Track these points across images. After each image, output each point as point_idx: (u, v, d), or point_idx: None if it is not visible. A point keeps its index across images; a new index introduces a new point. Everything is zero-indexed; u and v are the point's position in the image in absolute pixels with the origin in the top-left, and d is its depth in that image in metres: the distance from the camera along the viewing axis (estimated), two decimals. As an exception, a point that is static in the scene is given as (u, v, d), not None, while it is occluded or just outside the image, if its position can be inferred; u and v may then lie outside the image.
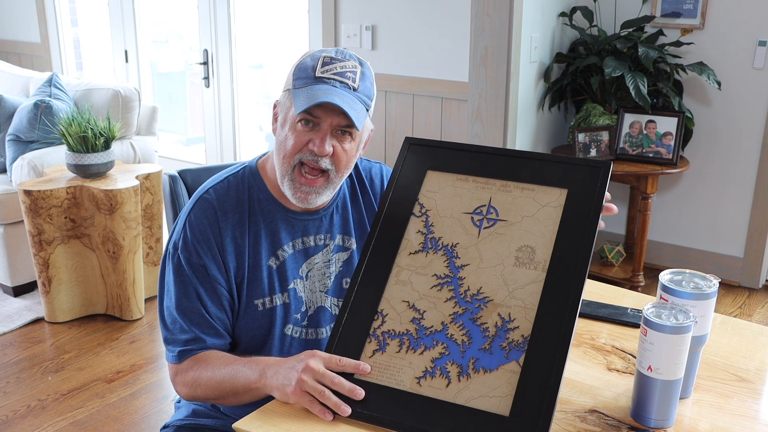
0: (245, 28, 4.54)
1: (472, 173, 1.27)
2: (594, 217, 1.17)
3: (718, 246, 3.61)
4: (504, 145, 3.23)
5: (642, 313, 1.12)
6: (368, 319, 1.19)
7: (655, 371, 1.11)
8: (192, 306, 1.29)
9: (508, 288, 1.16)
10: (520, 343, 1.11)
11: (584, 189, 1.20)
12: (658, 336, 1.09)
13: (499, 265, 1.18)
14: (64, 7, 5.22)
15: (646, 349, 1.11)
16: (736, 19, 3.30)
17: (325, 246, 1.40)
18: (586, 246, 1.15)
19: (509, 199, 1.23)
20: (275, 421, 1.13)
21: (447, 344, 1.14)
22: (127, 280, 3.09)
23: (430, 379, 1.11)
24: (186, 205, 1.37)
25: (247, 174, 1.38)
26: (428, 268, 1.21)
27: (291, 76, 1.30)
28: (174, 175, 1.60)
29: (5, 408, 2.54)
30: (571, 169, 1.23)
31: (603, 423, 1.15)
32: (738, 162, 3.45)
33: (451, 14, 3.31)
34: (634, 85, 3.15)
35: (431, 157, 1.31)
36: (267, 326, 1.35)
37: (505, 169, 1.26)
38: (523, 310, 1.14)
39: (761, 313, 3.30)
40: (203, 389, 1.26)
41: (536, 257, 1.17)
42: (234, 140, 4.68)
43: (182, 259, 1.30)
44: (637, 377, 1.15)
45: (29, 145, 3.39)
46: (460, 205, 1.25)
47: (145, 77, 5.12)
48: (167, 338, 1.31)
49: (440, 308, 1.18)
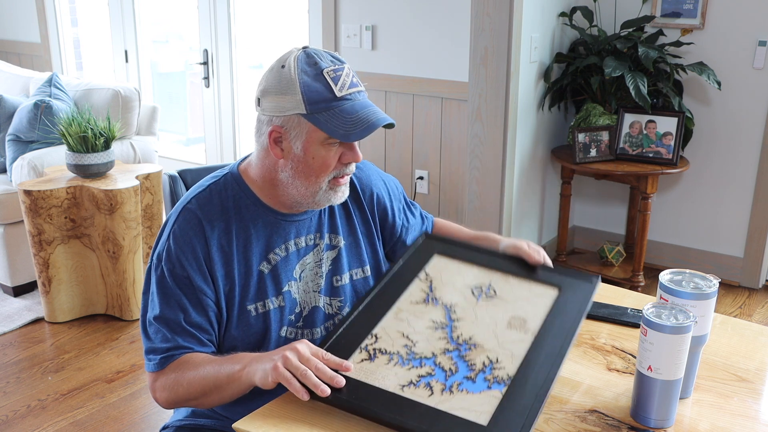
0: (245, 28, 4.54)
1: (477, 263, 1.41)
2: (581, 310, 1.28)
3: (718, 246, 3.61)
4: (504, 145, 3.24)
5: (642, 313, 1.12)
6: (361, 337, 1.24)
7: (655, 371, 1.11)
8: (175, 317, 1.28)
9: (498, 340, 1.23)
10: (504, 379, 1.15)
11: (575, 290, 1.33)
12: (658, 336, 1.09)
13: (491, 324, 1.27)
14: (64, 7, 5.22)
15: (646, 349, 1.11)
16: (736, 19, 3.30)
17: (315, 246, 1.40)
18: (573, 324, 1.25)
19: (507, 285, 1.36)
20: (275, 421, 1.13)
21: (434, 368, 1.18)
22: (127, 280, 3.09)
23: (414, 389, 1.14)
24: (169, 216, 1.35)
25: (230, 180, 1.36)
26: (426, 315, 1.30)
27: (300, 101, 1.24)
28: (174, 175, 1.59)
29: (5, 408, 2.54)
30: (566, 274, 1.37)
31: (603, 423, 1.15)
32: (738, 162, 3.45)
33: (451, 14, 3.31)
34: (634, 85, 3.15)
35: (443, 246, 1.46)
36: (262, 331, 1.35)
37: (508, 266, 1.40)
38: (510, 357, 1.19)
39: (761, 313, 3.30)
40: (185, 388, 1.24)
41: (527, 326, 1.26)
42: (234, 140, 4.68)
43: (165, 270, 1.29)
44: (637, 377, 1.15)
45: (29, 145, 3.39)
46: (462, 281, 1.37)
47: (145, 77, 5.12)
48: (148, 348, 1.30)
49: (432, 342, 1.24)
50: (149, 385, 1.31)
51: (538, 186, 3.65)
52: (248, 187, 1.36)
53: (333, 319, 1.42)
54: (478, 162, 3.32)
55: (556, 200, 3.76)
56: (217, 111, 4.67)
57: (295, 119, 1.27)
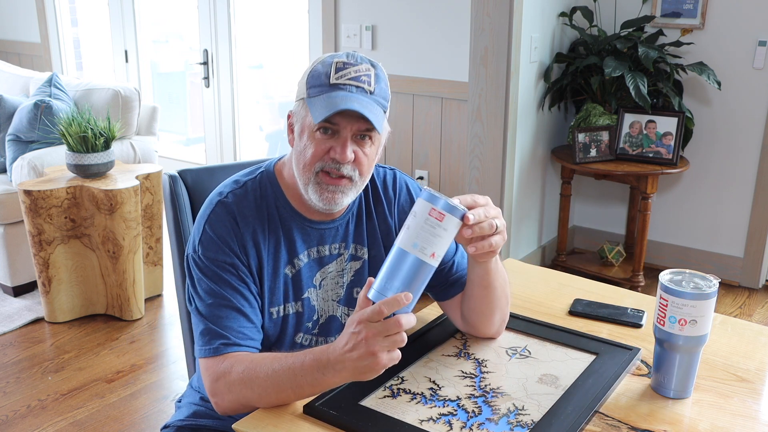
0: (245, 28, 4.54)
1: (515, 329, 1.43)
2: (617, 372, 1.26)
3: (718, 246, 3.61)
4: (504, 145, 3.24)
5: (641, 313, 1.13)
6: (386, 377, 1.23)
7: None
8: (225, 298, 1.25)
9: (526, 392, 1.22)
10: (528, 423, 1.13)
11: (612, 355, 1.32)
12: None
13: (522, 379, 1.26)
14: (64, 7, 5.22)
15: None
16: (736, 19, 3.30)
17: (339, 255, 1.38)
18: (606, 383, 1.23)
19: (543, 348, 1.37)
20: (275, 421, 1.13)
21: (457, 409, 1.17)
22: (127, 280, 3.09)
23: (433, 423, 1.13)
24: (203, 209, 1.33)
25: (265, 179, 1.35)
26: (456, 366, 1.30)
27: (304, 84, 1.28)
28: (174, 175, 1.59)
29: (5, 408, 2.54)
30: (606, 342, 1.36)
31: (603, 423, 1.15)
32: (738, 162, 3.45)
33: (451, 14, 3.30)
34: (634, 85, 3.14)
35: None
36: (277, 334, 1.34)
37: (547, 333, 1.41)
38: (537, 406, 1.18)
39: (761, 313, 3.30)
40: (260, 384, 1.17)
41: (558, 382, 1.25)
42: (234, 140, 4.68)
43: (206, 259, 1.27)
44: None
45: (29, 145, 3.39)
46: (497, 344, 1.38)
47: (145, 77, 5.12)
48: (204, 330, 1.24)
49: (458, 388, 1.23)
50: (208, 378, 1.23)
51: (538, 186, 3.65)
52: (281, 189, 1.35)
53: None
54: (478, 162, 3.32)
55: (556, 200, 3.76)
56: (217, 111, 4.67)
57: (300, 103, 1.28)
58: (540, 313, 1.51)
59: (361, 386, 1.18)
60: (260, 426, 1.12)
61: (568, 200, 3.60)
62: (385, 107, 1.29)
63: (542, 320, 1.45)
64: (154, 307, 3.31)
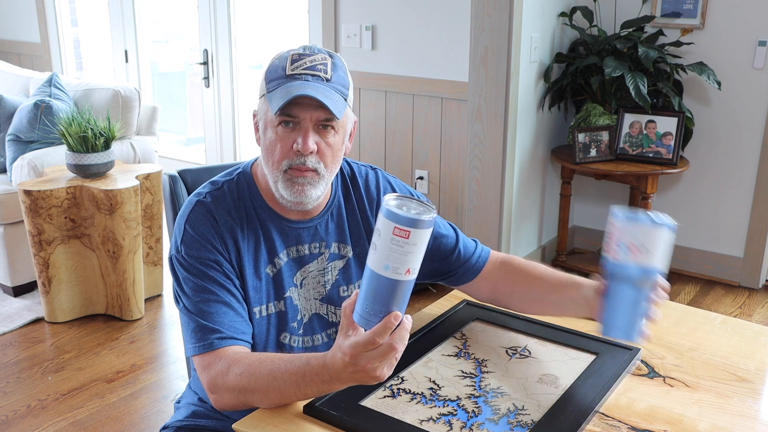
0: (245, 28, 4.54)
1: (515, 329, 1.44)
2: (617, 373, 1.26)
3: (718, 246, 3.60)
4: (504, 145, 3.23)
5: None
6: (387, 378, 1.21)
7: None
8: (213, 293, 1.25)
9: (526, 392, 1.22)
10: (528, 423, 1.13)
11: (613, 356, 1.32)
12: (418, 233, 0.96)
13: (522, 379, 1.26)
14: (64, 7, 5.22)
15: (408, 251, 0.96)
16: (736, 19, 3.30)
17: (320, 254, 1.38)
18: (606, 384, 1.24)
19: (543, 348, 1.37)
20: (275, 421, 1.13)
21: (457, 410, 1.17)
22: (127, 280, 3.09)
23: (433, 423, 1.13)
24: (182, 210, 1.33)
25: (242, 180, 1.36)
26: (456, 366, 1.30)
27: (263, 81, 1.28)
28: (174, 175, 1.59)
29: (5, 408, 2.54)
30: (606, 342, 1.35)
31: (603, 423, 1.15)
32: (738, 162, 3.45)
33: (451, 14, 3.30)
34: (634, 85, 3.14)
35: (483, 313, 1.49)
36: (262, 335, 1.33)
37: (547, 333, 1.42)
38: (537, 406, 1.18)
39: (761, 313, 3.30)
40: (260, 388, 1.15)
41: (558, 382, 1.25)
42: (234, 140, 4.68)
43: (190, 258, 1.27)
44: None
45: (29, 145, 3.39)
46: (497, 342, 1.39)
47: (145, 77, 5.12)
48: (195, 327, 1.24)
49: (458, 388, 1.23)
50: (207, 376, 1.21)
51: (538, 186, 3.65)
52: (257, 189, 1.35)
53: (335, 327, 1.40)
54: (478, 162, 3.32)
55: (556, 200, 3.76)
56: (217, 111, 4.67)
57: (261, 100, 1.30)
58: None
59: (361, 386, 1.18)
60: (260, 426, 1.12)
61: (568, 200, 3.59)
62: (345, 94, 1.28)
63: (542, 320, 1.45)
64: (154, 307, 3.31)
